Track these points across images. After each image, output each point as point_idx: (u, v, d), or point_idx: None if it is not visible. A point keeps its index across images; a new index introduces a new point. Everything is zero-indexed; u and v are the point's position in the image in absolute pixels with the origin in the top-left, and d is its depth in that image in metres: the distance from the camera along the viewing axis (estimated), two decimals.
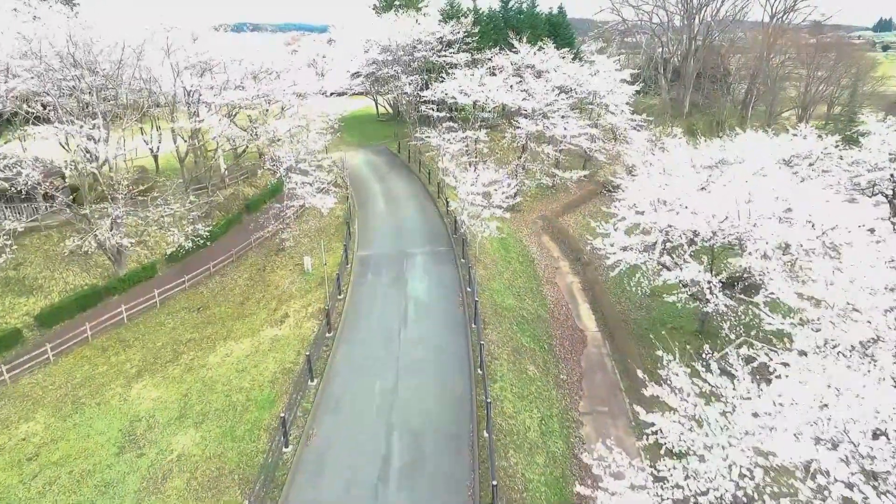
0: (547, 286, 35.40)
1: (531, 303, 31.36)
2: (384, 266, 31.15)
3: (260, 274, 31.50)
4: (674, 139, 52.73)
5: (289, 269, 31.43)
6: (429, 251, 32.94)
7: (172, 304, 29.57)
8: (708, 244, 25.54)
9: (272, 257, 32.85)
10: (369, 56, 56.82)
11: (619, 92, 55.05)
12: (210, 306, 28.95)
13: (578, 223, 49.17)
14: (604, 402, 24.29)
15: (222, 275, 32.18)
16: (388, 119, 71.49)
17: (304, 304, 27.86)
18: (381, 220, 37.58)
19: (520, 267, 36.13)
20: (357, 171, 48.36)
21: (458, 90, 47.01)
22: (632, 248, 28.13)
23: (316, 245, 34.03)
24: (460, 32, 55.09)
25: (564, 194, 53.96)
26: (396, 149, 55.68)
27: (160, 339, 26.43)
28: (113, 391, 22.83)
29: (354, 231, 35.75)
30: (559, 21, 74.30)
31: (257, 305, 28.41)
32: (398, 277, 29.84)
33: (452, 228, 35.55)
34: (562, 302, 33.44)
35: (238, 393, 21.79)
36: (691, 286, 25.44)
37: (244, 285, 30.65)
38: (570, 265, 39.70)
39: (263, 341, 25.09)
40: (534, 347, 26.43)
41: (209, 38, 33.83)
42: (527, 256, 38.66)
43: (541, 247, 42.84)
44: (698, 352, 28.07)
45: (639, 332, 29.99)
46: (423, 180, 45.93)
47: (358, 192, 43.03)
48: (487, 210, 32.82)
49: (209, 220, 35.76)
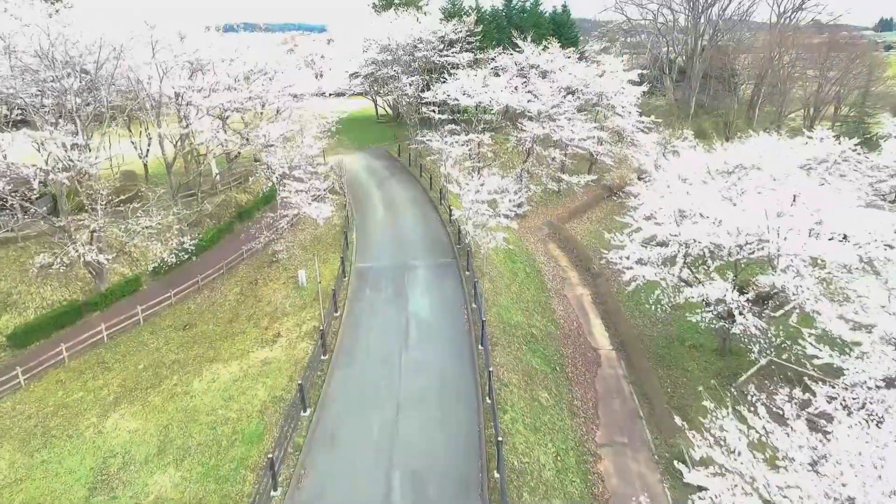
0: (556, 299, 33.48)
1: (540, 318, 29.44)
2: (384, 280, 29.23)
3: (251, 288, 29.55)
4: (684, 142, 51.18)
5: (282, 283, 29.50)
6: (431, 263, 31.02)
7: (157, 321, 27.62)
8: (733, 259, 23.62)
9: (265, 270, 30.91)
10: (368, 56, 54.93)
11: (627, 93, 53.13)
12: (197, 324, 27.00)
13: (586, 230, 47.28)
14: (622, 431, 22.35)
15: (211, 289, 30.22)
16: (387, 121, 69.57)
17: (298, 321, 25.93)
18: (380, 229, 35.64)
19: (527, 278, 34.21)
20: (355, 177, 46.41)
21: (461, 91, 45.10)
22: (649, 262, 26.24)
23: (311, 256, 32.10)
24: (462, 31, 53.18)
25: (570, 199, 52.03)
26: (396, 152, 53.73)
27: (142, 361, 24.48)
28: (87, 421, 20.88)
29: (352, 241, 33.82)
30: (563, 20, 72.43)
31: (248, 323, 26.46)
32: (399, 293, 27.92)
33: (456, 238, 33.63)
34: (572, 317, 31.50)
35: (223, 425, 19.85)
36: (716, 305, 23.48)
37: (234, 300, 28.70)
38: (580, 275, 37.78)
39: (253, 364, 23.15)
40: (545, 370, 24.50)
41: (198, 37, 31.88)
42: (534, 266, 36.74)
43: (548, 255, 40.92)
44: (722, 376, 26.35)
45: (656, 351, 28.09)
46: (424, 185, 43.99)
47: (356, 198, 41.07)
48: (493, 219, 30.89)
49: (198, 230, 33.84)
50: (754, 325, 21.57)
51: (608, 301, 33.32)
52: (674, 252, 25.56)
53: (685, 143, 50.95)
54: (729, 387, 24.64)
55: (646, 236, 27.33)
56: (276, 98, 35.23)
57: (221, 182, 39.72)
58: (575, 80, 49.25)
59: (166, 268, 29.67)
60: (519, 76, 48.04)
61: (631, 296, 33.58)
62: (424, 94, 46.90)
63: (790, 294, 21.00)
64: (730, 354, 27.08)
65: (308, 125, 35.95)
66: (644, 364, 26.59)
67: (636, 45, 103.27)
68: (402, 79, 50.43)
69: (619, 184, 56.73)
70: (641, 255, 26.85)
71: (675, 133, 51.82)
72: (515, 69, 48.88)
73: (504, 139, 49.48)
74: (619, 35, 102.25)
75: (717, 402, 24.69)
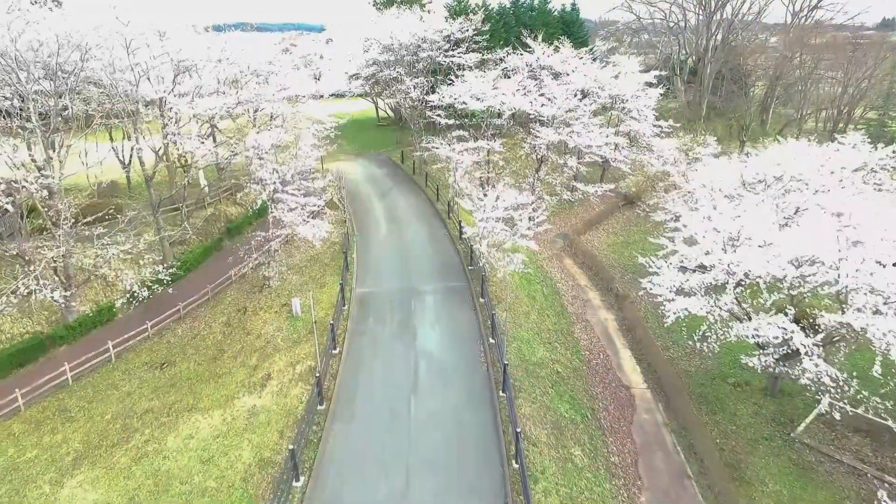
0: (578, 325, 30.27)
1: (564, 351, 26.21)
2: (388, 308, 25.99)
3: (239, 317, 26.30)
4: (706, 148, 47.99)
5: (274, 312, 26.25)
6: (441, 288, 27.79)
7: (131, 357, 24.35)
8: (793, 292, 20.37)
9: (255, 296, 27.65)
10: (370, 56, 51.66)
11: (644, 95, 49.88)
12: (176, 361, 23.73)
13: (604, 243, 44.08)
14: (669, 495, 19.14)
15: (195, 317, 26.96)
16: (388, 124, 66.40)
17: (291, 360, 22.69)
18: (383, 247, 32.38)
19: (546, 302, 30.99)
20: (356, 186, 43.15)
21: (469, 94, 41.85)
22: (691, 292, 22.97)
23: (307, 280, 28.88)
24: (469, 30, 49.96)
25: (583, 208, 48.83)
26: (399, 158, 50.50)
27: (110, 409, 21.22)
28: (39, 490, 17.64)
29: (353, 261, 30.58)
30: (572, 19, 69.46)
31: (234, 361, 23.21)
32: (405, 324, 24.68)
33: (468, 258, 30.41)
34: (598, 347, 28.28)
35: (200, 497, 16.60)
36: (777, 347, 20.20)
37: (220, 332, 25.44)
38: (601, 296, 34.56)
39: (238, 415, 19.91)
40: (575, 418, 21.27)
41: (182, 36, 28.64)
42: (552, 287, 33.53)
43: (564, 272, 37.72)
44: (777, 422, 23.13)
45: (696, 389, 24.87)
46: (430, 196, 40.76)
47: (357, 211, 37.81)
48: (510, 238, 27.71)
49: (183, 248, 30.60)
50: (827, 372, 18.28)
51: (636, 327, 30.11)
52: (717, 279, 22.31)
53: (707, 150, 47.89)
54: (788, 436, 21.49)
55: (685, 261, 24.13)
56: (269, 103, 31.94)
57: (211, 194, 36.47)
58: (590, 82, 46.02)
59: (138, 298, 26.43)
60: (530, 78, 44.84)
61: (660, 322, 30.44)
62: (430, 98, 43.63)
63: (871, 337, 17.75)
64: (781, 395, 23.92)
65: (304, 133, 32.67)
66: (685, 407, 23.37)
67: (643, 46, 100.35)
68: (405, 81, 47.17)
69: (637, 192, 53.72)
70: (680, 281, 23.64)
71: (696, 139, 48.53)
72: (526, 70, 45.62)
73: (515, 145, 46.31)
74: (625, 35, 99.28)
75: (776, 455, 21.74)
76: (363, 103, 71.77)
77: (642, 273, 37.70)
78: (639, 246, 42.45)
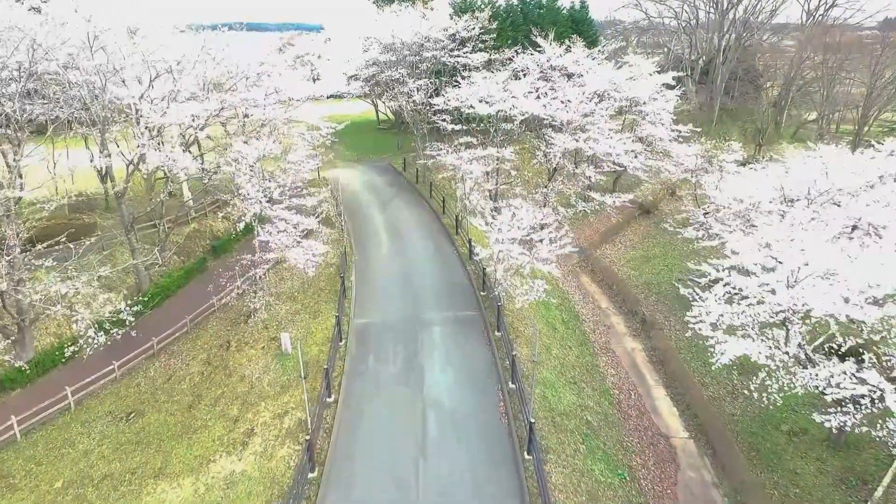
0: (603, 357, 27.05)
1: (592, 393, 22.97)
2: (391, 343, 22.74)
3: (221, 354, 23.03)
4: (730, 155, 44.70)
5: (261, 348, 23.00)
6: (451, 318, 24.55)
7: (94, 405, 21.03)
8: (877, 337, 17.15)
9: (240, 328, 24.39)
10: (369, 56, 48.39)
11: (661, 98, 46.66)
12: (145, 410, 20.45)
13: (622, 257, 40.86)
14: None
15: (171, 354, 23.68)
16: (390, 127, 63.14)
17: (279, 410, 19.46)
18: (385, 268, 29.12)
19: (566, 331, 27.78)
20: (354, 197, 39.87)
21: (477, 97, 38.55)
22: (743, 328, 19.69)
23: (300, 307, 25.66)
24: (475, 28, 46.71)
25: (598, 219, 45.64)
26: (401, 165, 47.22)
27: (63, 474, 17.95)
28: None
29: (351, 284, 27.35)
30: (582, 17, 66.20)
31: (212, 411, 19.95)
32: (411, 364, 21.43)
33: (479, 282, 27.20)
34: (628, 385, 25.05)
35: None
36: (856, 406, 16.95)
37: (198, 373, 22.16)
38: (626, 321, 31.32)
39: (213, 484, 16.68)
40: (612, 482, 18.04)
41: (159, 34, 25.42)
42: (571, 312, 30.32)
43: (583, 292, 34.51)
44: (847, 484, 19.91)
45: (746, 438, 21.62)
46: (435, 208, 37.51)
47: (356, 226, 34.52)
48: (528, 258, 24.41)
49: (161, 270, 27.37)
50: None
51: (668, 360, 26.90)
52: (775, 317, 19.09)
53: (730, 157, 44.61)
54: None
55: (735, 290, 20.88)
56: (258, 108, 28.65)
57: (196, 207, 33.20)
58: (607, 84, 42.78)
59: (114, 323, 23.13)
60: (541, 79, 41.61)
61: (695, 353, 27.24)
62: (434, 101, 40.37)
63: None
64: (846, 447, 20.70)
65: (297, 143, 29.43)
66: (736, 462, 20.15)
67: (650, 45, 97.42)
68: (407, 82, 43.92)
69: (653, 200, 50.52)
70: (728, 315, 20.38)
71: (718, 145, 45.25)
72: (538, 71, 42.36)
73: (525, 152, 43.09)
74: (633, 34, 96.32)
75: None
76: (363, 105, 68.51)
77: (667, 293, 34.79)
78: (661, 262, 39.29)
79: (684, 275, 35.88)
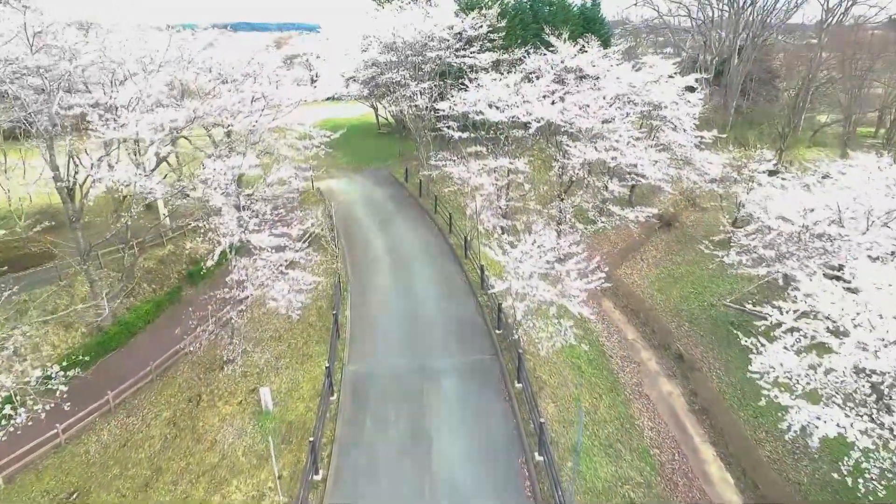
0: (636, 404, 23.38)
1: (631, 457, 19.32)
2: (391, 399, 19.10)
3: (190, 411, 19.39)
4: (760, 165, 40.96)
5: (237, 403, 19.36)
6: (461, 364, 20.91)
7: (29, 481, 17.33)
8: None
9: (213, 376, 20.74)
10: (369, 56, 44.76)
11: (683, 102, 43.00)
12: (91, 488, 16.79)
13: (645, 277, 37.18)
14: None
15: (130, 409, 20.00)
16: (390, 131, 59.47)
17: (253, 490, 15.83)
18: (385, 300, 25.45)
19: (593, 371, 24.12)
20: (351, 213, 36.18)
21: (487, 102, 34.90)
22: (824, 392, 16.05)
23: (286, 349, 22.04)
24: (483, 27, 43.10)
25: (616, 234, 41.99)
26: (403, 175, 43.58)
27: None
28: None
29: (346, 320, 23.73)
30: (594, 15, 62.58)
31: (172, 491, 16.30)
32: (416, 428, 17.79)
33: (492, 313, 23.61)
34: (669, 443, 21.38)
35: None
36: None
37: (160, 437, 18.51)
38: (657, 357, 27.66)
39: None
40: None
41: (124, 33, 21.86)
42: (597, 346, 26.65)
43: (606, 321, 30.83)
44: None
45: None
46: (440, 225, 33.86)
47: (352, 247, 30.83)
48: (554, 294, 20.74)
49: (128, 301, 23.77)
50: None
51: (713, 409, 23.23)
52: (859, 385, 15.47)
53: (762, 167, 40.83)
54: None
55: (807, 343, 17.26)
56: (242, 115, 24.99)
57: (172, 227, 29.56)
58: (628, 87, 39.16)
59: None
60: (555, 82, 37.99)
61: (744, 401, 23.59)
62: (440, 106, 36.74)
63: None
64: None
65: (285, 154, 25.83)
66: None
67: (660, 45, 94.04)
68: (410, 85, 40.30)
69: (675, 212, 46.89)
70: (801, 372, 16.74)
71: (747, 153, 41.62)
72: (552, 74, 38.72)
73: (540, 162, 39.48)
74: (643, 33, 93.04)
75: None
76: (362, 107, 64.88)
77: (701, 320, 31.05)
78: (689, 283, 35.62)
79: (718, 299, 32.37)
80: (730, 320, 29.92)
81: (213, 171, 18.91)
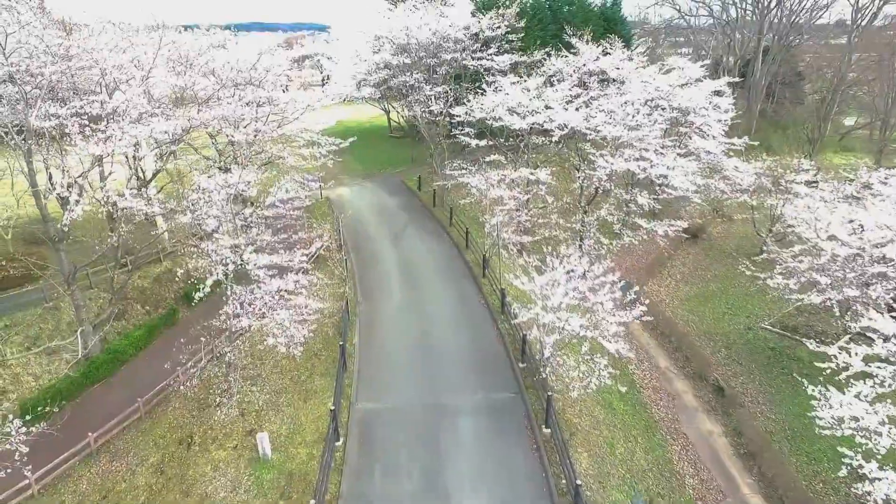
0: (675, 446, 21.09)
1: None
2: (403, 446, 16.97)
3: (179, 456, 17.38)
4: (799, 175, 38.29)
5: (232, 447, 17.34)
6: (482, 403, 18.75)
7: None
8: None
9: (207, 413, 18.73)
10: (381, 58, 42.74)
11: (712, 108, 40.51)
12: None
13: (674, 296, 34.77)
14: None
15: (114, 452, 18.02)
16: (402, 135, 57.39)
17: None
18: (397, 326, 23.33)
19: (626, 409, 21.85)
20: (360, 224, 34.14)
21: (506, 107, 32.71)
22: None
23: (287, 384, 20.00)
24: (501, 27, 40.90)
25: (642, 247, 39.52)
26: (416, 184, 41.49)
27: None
28: None
29: (354, 349, 21.66)
30: (614, 15, 60.08)
31: None
32: (432, 481, 15.64)
33: (515, 343, 21.44)
34: (715, 493, 19.03)
35: None
36: None
37: (145, 488, 16.52)
38: (693, 388, 25.31)
39: None
40: None
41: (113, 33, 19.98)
42: (627, 377, 24.32)
43: (633, 343, 28.45)
44: None
45: None
46: (456, 240, 31.71)
47: (361, 264, 28.76)
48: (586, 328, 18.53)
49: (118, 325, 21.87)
50: None
51: (760, 452, 20.87)
52: None
53: (799, 177, 38.16)
54: None
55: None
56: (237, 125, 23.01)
57: (172, 242, 27.66)
58: (651, 91, 36.72)
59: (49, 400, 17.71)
60: (578, 86, 35.69)
61: (794, 441, 21.21)
62: (455, 111, 34.61)
63: None
64: None
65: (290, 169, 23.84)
66: None
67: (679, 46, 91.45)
68: (424, 89, 38.20)
69: (702, 224, 44.39)
70: (870, 422, 14.42)
71: (783, 162, 39.03)
72: (575, 77, 36.40)
73: (564, 172, 37.20)
74: (662, 34, 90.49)
75: None
76: (373, 109, 62.92)
77: (738, 345, 28.62)
78: (722, 301, 33.13)
79: (755, 321, 29.90)
80: (770, 346, 27.52)
81: (204, 191, 16.93)
